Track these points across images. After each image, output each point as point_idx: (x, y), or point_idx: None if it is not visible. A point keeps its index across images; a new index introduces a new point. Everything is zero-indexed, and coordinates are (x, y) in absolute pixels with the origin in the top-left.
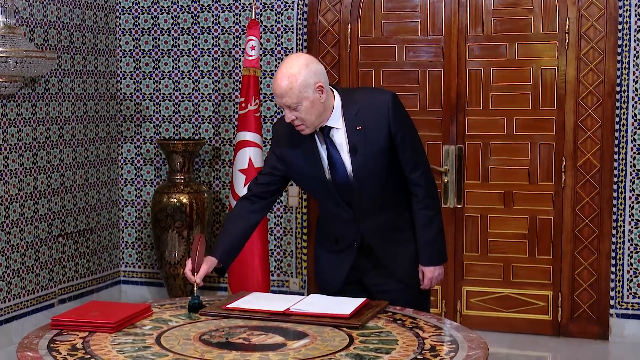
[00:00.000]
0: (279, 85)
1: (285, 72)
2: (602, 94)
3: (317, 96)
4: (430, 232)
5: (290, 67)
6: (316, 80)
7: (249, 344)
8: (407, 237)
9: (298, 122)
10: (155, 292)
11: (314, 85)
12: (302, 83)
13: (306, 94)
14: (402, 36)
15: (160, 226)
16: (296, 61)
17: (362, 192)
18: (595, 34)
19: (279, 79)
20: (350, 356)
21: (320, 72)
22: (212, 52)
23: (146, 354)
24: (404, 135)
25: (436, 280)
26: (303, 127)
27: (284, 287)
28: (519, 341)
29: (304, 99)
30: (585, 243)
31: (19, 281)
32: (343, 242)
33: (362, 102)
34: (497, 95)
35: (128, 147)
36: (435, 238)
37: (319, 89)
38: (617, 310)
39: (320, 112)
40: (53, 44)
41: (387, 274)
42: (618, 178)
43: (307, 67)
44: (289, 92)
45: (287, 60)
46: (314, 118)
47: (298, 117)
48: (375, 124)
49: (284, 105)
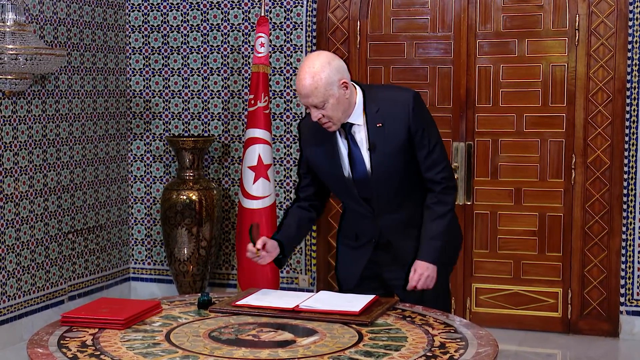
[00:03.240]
0: (304, 85)
1: (309, 72)
2: (612, 91)
3: (342, 92)
4: (434, 228)
5: (313, 66)
6: (340, 76)
7: (259, 340)
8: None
9: (325, 120)
10: (164, 289)
11: (338, 82)
12: (327, 81)
13: (331, 91)
14: (411, 33)
15: (169, 223)
16: (318, 60)
17: (380, 189)
18: (606, 30)
19: (302, 79)
20: (360, 353)
21: (342, 68)
22: (222, 49)
23: (156, 350)
24: (423, 134)
25: (424, 281)
26: (330, 125)
27: (293, 284)
28: (529, 338)
29: (330, 96)
30: (595, 240)
31: (29, 278)
32: (362, 238)
33: (383, 99)
34: (507, 92)
35: (137, 144)
36: (438, 235)
37: (343, 85)
38: (627, 308)
39: (345, 108)
40: (63, 41)
41: (399, 269)
42: (628, 175)
43: (329, 64)
44: (314, 92)
45: (309, 59)
46: (340, 114)
47: (325, 114)
48: (395, 122)
49: (309, 105)
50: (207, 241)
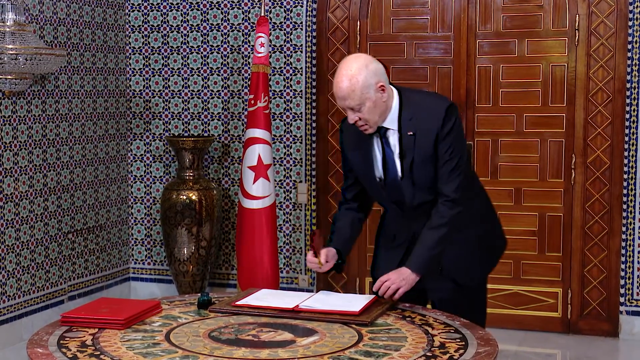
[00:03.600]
0: (341, 87)
1: (346, 74)
2: (612, 91)
3: (379, 95)
4: (425, 239)
5: (350, 68)
6: (377, 79)
7: (258, 340)
8: (460, 237)
9: (361, 123)
10: (164, 289)
11: (375, 85)
12: (364, 84)
13: (368, 94)
14: (411, 33)
15: (169, 223)
16: (355, 62)
17: (411, 194)
18: (606, 30)
19: (339, 81)
20: (360, 353)
21: (380, 71)
22: (222, 49)
23: (155, 350)
24: (446, 145)
25: (395, 286)
26: (366, 127)
27: (293, 284)
28: (529, 338)
29: (367, 99)
30: (595, 240)
31: (29, 278)
32: (399, 238)
33: (418, 106)
34: (507, 92)
35: (137, 144)
36: (427, 246)
37: (381, 89)
38: (627, 308)
39: (382, 111)
40: (63, 41)
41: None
42: (628, 175)
43: (366, 67)
44: (351, 94)
45: (346, 61)
46: (377, 117)
47: (361, 117)
48: (426, 131)
49: (346, 107)
50: (207, 241)
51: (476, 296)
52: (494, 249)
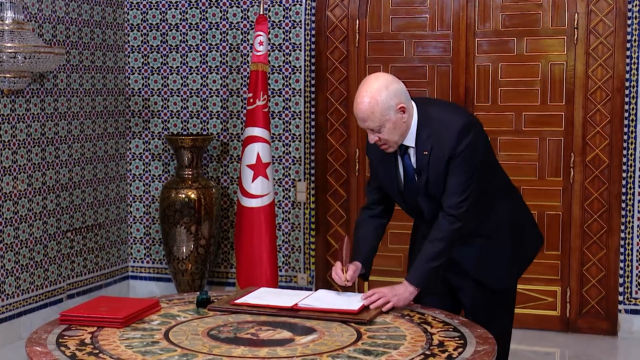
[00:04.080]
0: (361, 109)
1: (366, 95)
2: (611, 90)
3: (399, 116)
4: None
5: (370, 90)
6: (397, 101)
7: (257, 339)
8: (488, 243)
9: (381, 143)
10: (163, 288)
11: (396, 106)
12: (384, 106)
13: (388, 116)
14: (410, 31)
15: (168, 221)
16: (376, 83)
17: (429, 209)
18: (604, 29)
19: (359, 102)
20: (359, 351)
21: (400, 92)
22: (220, 48)
23: (154, 349)
24: (458, 164)
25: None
26: (387, 147)
27: (292, 282)
28: (527, 337)
29: (387, 121)
30: (594, 239)
31: (28, 276)
32: None
33: (435, 122)
34: (506, 90)
35: (136, 142)
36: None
37: (401, 110)
38: (625, 306)
39: (403, 132)
40: (61, 40)
41: (461, 272)
42: (627, 173)
43: (387, 88)
44: (371, 117)
45: (366, 83)
46: (397, 138)
47: (381, 138)
48: (440, 150)
49: (366, 128)
50: (205, 239)
51: (507, 300)
52: (526, 251)
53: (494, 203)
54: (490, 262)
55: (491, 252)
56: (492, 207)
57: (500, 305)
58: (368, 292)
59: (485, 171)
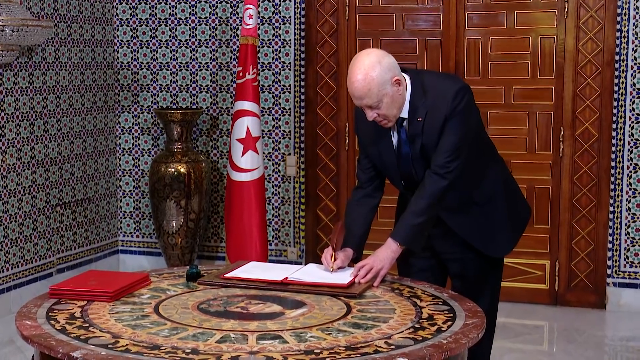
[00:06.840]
0: (356, 87)
1: (359, 73)
2: (601, 63)
3: (395, 89)
4: (410, 206)
5: (364, 67)
6: (392, 75)
7: (247, 312)
8: (484, 210)
9: (381, 119)
10: (153, 262)
11: (391, 80)
12: (379, 81)
13: (385, 90)
14: (400, 5)
15: (158, 196)
16: (367, 59)
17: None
18: (595, 2)
19: (354, 81)
20: (348, 325)
21: (393, 65)
22: (210, 21)
23: (144, 322)
24: (452, 125)
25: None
26: (386, 122)
27: (281, 256)
28: (516, 310)
29: (384, 95)
30: (583, 212)
31: (17, 251)
32: None
33: (428, 92)
34: (496, 64)
35: (125, 116)
36: (408, 214)
37: (396, 82)
38: (614, 279)
39: (400, 104)
40: (50, 13)
41: (456, 242)
42: (616, 147)
43: (380, 63)
44: (368, 93)
45: (358, 60)
46: (396, 111)
47: (380, 114)
48: (436, 113)
49: (364, 106)
50: (195, 214)
51: (497, 272)
52: (520, 218)
53: (484, 171)
54: (488, 230)
55: (488, 219)
56: (483, 174)
57: (489, 279)
58: (353, 270)
59: (476, 138)
